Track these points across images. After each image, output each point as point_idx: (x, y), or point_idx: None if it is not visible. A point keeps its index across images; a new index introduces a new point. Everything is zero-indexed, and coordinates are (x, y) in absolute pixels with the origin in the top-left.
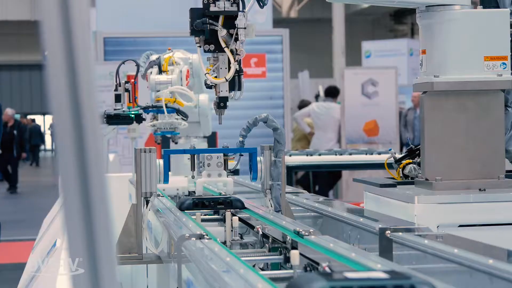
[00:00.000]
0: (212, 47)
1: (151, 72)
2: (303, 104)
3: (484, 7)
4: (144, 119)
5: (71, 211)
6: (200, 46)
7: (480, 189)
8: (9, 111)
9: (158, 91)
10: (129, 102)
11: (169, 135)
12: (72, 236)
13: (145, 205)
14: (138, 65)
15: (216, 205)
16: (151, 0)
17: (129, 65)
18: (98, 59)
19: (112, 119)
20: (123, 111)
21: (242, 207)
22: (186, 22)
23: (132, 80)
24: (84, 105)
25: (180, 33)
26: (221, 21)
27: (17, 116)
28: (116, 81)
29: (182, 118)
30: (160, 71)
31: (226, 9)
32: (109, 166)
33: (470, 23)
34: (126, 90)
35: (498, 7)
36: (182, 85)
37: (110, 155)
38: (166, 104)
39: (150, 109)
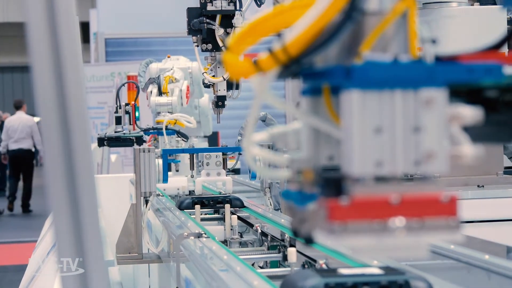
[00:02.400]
0: (209, 46)
1: (151, 92)
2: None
3: (481, 4)
4: (145, 141)
5: (59, 213)
6: (197, 46)
7: (478, 186)
8: None
9: (159, 113)
10: (129, 124)
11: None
12: (61, 238)
13: (145, 205)
14: (138, 87)
15: (216, 204)
16: (152, 1)
17: (130, 65)
18: (100, 60)
19: (113, 141)
20: (124, 133)
21: (242, 205)
22: (185, 22)
23: (132, 102)
24: (71, 106)
25: (181, 33)
26: (218, 20)
27: None
28: (117, 104)
29: (182, 140)
30: (160, 92)
31: (223, 8)
32: (111, 167)
33: (467, 20)
34: (127, 112)
35: (495, 3)
36: (182, 105)
37: (112, 156)
38: (166, 127)
39: (150, 131)
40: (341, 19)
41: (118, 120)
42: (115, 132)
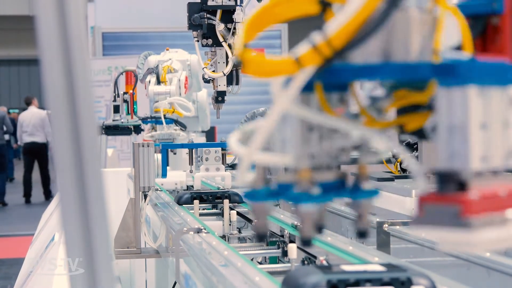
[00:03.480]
0: (210, 41)
1: (149, 81)
2: None
3: None
4: (143, 130)
5: (67, 207)
6: (198, 41)
7: None
8: None
9: (157, 101)
10: (127, 113)
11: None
12: (69, 233)
13: (144, 200)
14: (136, 76)
15: (214, 199)
16: None
17: (127, 60)
18: (97, 54)
19: (111, 130)
20: (122, 122)
21: (240, 201)
22: (185, 17)
23: (131, 91)
24: (80, 100)
25: (179, 28)
26: (218, 15)
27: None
28: (115, 92)
29: (180, 129)
30: (159, 81)
31: (223, 4)
32: (108, 161)
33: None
34: (125, 101)
35: None
36: (180, 94)
37: (109, 150)
38: (164, 115)
39: (148, 120)
40: (385, 7)
41: (116, 109)
42: (113, 120)
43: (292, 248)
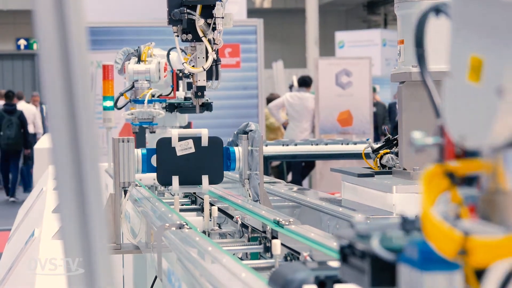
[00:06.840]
0: (189, 36)
1: (129, 63)
2: (272, 98)
3: None
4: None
5: (65, 202)
6: (177, 36)
7: None
8: None
9: (136, 80)
10: None
11: (146, 126)
12: (67, 230)
13: (123, 195)
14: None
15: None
16: None
17: (103, 55)
18: None
19: None
20: None
21: (221, 144)
22: (161, 11)
23: None
24: (78, 95)
25: (155, 22)
26: (198, 10)
27: None
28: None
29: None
30: (139, 61)
31: None
32: None
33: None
34: None
35: None
36: (160, 77)
37: None
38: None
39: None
40: None
41: None
42: None
43: (276, 244)
